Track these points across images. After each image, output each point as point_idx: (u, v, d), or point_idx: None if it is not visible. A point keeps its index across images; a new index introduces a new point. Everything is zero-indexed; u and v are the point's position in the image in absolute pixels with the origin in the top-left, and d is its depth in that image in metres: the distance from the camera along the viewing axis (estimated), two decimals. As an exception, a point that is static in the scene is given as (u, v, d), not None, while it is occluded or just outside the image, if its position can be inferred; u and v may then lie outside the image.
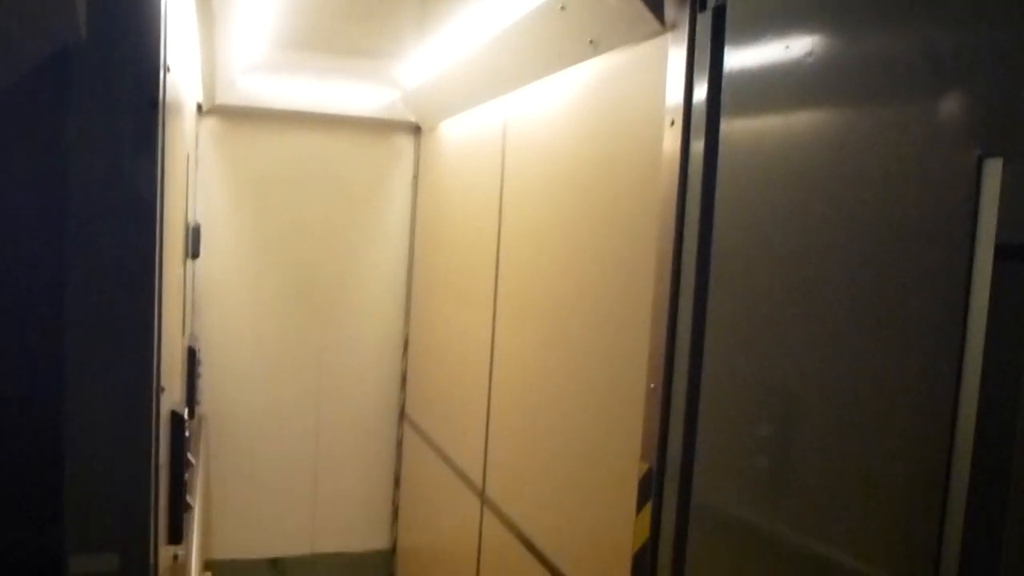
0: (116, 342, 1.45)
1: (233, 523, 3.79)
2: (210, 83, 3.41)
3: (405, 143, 3.88)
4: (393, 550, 4.03)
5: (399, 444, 3.99)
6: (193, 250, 3.07)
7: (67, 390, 1.43)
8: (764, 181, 1.50)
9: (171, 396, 1.99)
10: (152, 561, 1.53)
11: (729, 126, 1.60)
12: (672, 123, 1.75)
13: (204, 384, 3.55)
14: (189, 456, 2.11)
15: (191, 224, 3.03)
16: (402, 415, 3.96)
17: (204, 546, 3.65)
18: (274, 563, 3.88)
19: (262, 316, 3.77)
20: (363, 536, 4.01)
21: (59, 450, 1.44)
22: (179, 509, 1.97)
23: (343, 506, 3.96)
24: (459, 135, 3.27)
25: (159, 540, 1.62)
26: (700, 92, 1.66)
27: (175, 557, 2.34)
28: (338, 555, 3.97)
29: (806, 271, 1.38)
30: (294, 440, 3.87)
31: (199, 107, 3.51)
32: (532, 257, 2.46)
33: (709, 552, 1.61)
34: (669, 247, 1.73)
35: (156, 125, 1.48)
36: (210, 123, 3.63)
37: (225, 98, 3.49)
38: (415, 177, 3.89)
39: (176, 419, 1.94)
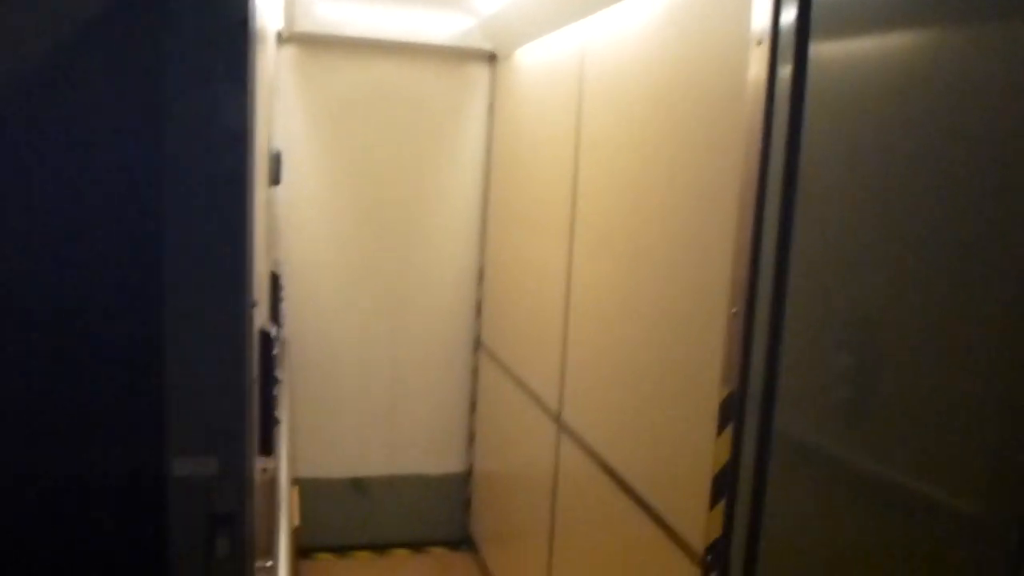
0: (212, 261, 1.50)
1: (316, 444, 3.93)
2: (290, 11, 3.44)
3: (480, 72, 3.86)
4: (469, 473, 4.14)
5: (474, 371, 4.05)
6: (275, 177, 3.13)
7: (168, 305, 1.50)
8: (854, 107, 1.46)
9: (260, 314, 2.06)
10: (246, 468, 1.60)
11: (818, 49, 1.56)
12: (759, 43, 1.70)
13: (286, 309, 3.65)
14: (277, 373, 2.19)
15: (272, 151, 3.08)
16: (477, 343, 4.02)
17: (290, 464, 3.80)
18: (355, 482, 4.02)
19: (340, 243, 3.85)
20: (440, 459, 4.12)
21: (162, 362, 1.51)
22: (269, 422, 2.05)
23: (420, 430, 4.07)
24: (535, 62, 3.24)
25: (252, 450, 1.70)
26: (788, 13, 1.61)
27: (265, 470, 2.45)
28: (416, 476, 4.09)
29: (897, 201, 1.35)
30: (372, 365, 3.97)
31: (278, 35, 3.54)
32: (610, 185, 2.44)
33: (790, 477, 1.62)
34: (754, 174, 1.70)
35: (246, 50, 1.50)
36: (288, 51, 3.66)
37: (303, 26, 3.51)
38: (490, 106, 3.88)
39: (265, 336, 2.01)
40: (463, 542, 4.18)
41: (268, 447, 2.10)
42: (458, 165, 3.92)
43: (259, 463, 2.10)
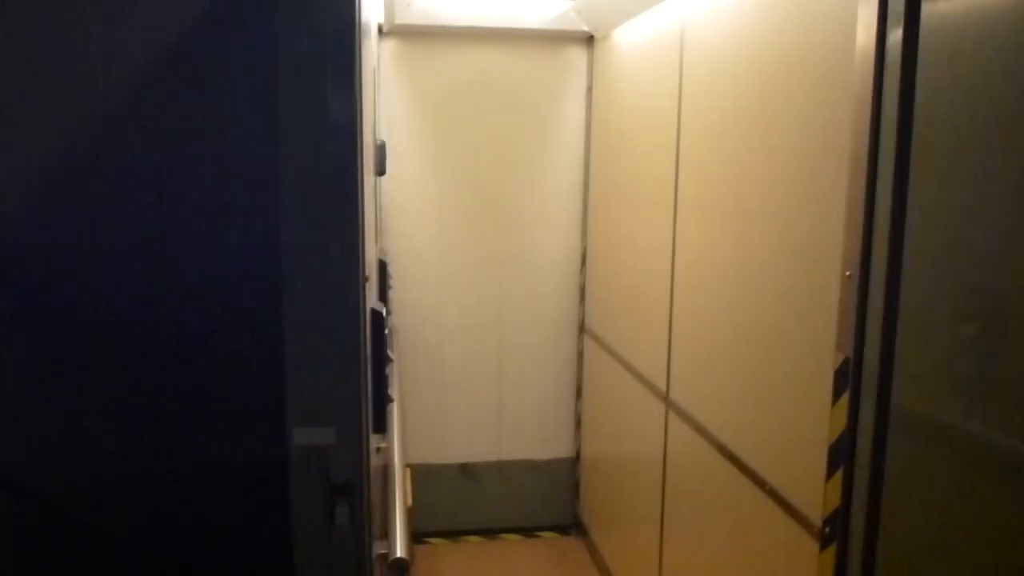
0: (326, 241, 1.56)
1: (425, 429, 4.01)
2: (390, 5, 3.51)
3: (578, 54, 3.86)
4: (577, 458, 4.14)
5: (579, 355, 4.06)
6: (380, 168, 3.21)
7: (285, 283, 1.56)
8: (970, 67, 1.40)
9: (371, 293, 2.12)
10: (362, 439, 1.65)
11: (931, 8, 1.50)
12: (867, 4, 1.65)
13: (393, 296, 3.74)
14: (388, 352, 2.24)
15: (377, 142, 3.16)
16: (582, 328, 4.02)
17: (401, 449, 3.89)
18: (464, 468, 4.08)
19: (444, 231, 3.91)
20: (547, 444, 4.14)
21: (282, 338, 1.57)
22: (382, 400, 2.10)
23: (527, 415, 4.10)
24: (634, 40, 3.21)
25: (366, 422, 1.75)
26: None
27: (379, 449, 2.51)
28: (525, 462, 4.12)
29: (1020, 162, 1.28)
30: (479, 352, 4.02)
31: (379, 28, 3.63)
32: (712, 158, 2.40)
33: (909, 446, 1.56)
34: (865, 137, 1.65)
35: (353, 45, 1.55)
36: (389, 44, 3.74)
37: (403, 18, 3.58)
38: (589, 88, 3.87)
39: (376, 316, 2.06)
40: (573, 527, 4.19)
41: (381, 424, 2.16)
42: (558, 149, 3.92)
43: (373, 441, 2.17)
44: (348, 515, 1.61)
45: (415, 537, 4.01)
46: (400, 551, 1.90)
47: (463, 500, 4.12)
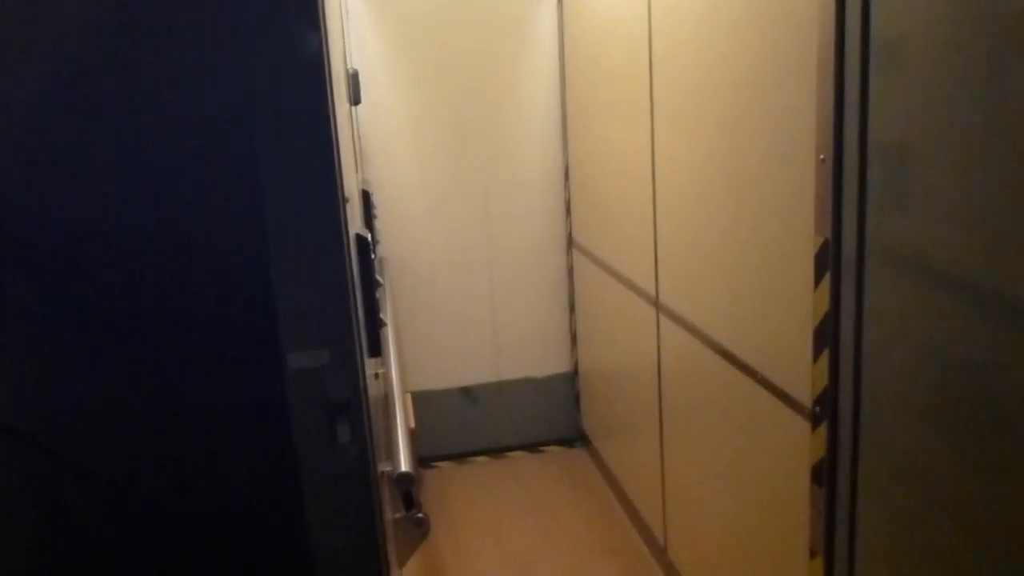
0: (302, 166, 1.56)
1: (424, 357, 4.06)
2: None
3: (546, -33, 3.80)
4: (575, 372, 4.21)
5: (570, 271, 4.08)
6: (354, 97, 3.18)
7: (267, 212, 1.57)
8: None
9: (354, 217, 2.13)
10: (357, 359, 1.68)
11: None
12: None
13: (380, 227, 3.75)
14: (378, 277, 2.26)
15: (349, 71, 3.13)
16: (570, 242, 4.04)
17: (401, 375, 3.94)
18: (465, 391, 4.15)
19: (426, 157, 3.89)
20: (545, 361, 4.20)
21: (267, 264, 1.59)
22: (374, 323, 2.13)
23: (523, 335, 4.15)
24: (600, -55, 3.16)
25: (360, 343, 1.78)
26: None
27: (377, 375, 2.55)
28: (524, 380, 4.19)
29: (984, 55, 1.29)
30: (470, 276, 4.04)
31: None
32: (685, 55, 2.39)
33: (890, 316, 1.60)
34: (830, 22, 1.65)
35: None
36: (353, -29, 3.67)
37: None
38: (559, 0, 3.82)
39: (361, 240, 2.08)
40: (576, 439, 4.28)
41: (376, 348, 2.19)
42: (534, 65, 3.88)
43: (370, 366, 2.20)
44: (349, 433, 1.65)
45: (422, 462, 4.10)
46: (405, 466, 1.95)
47: (467, 423, 4.20)
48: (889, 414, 1.60)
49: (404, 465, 1.98)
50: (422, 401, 4.05)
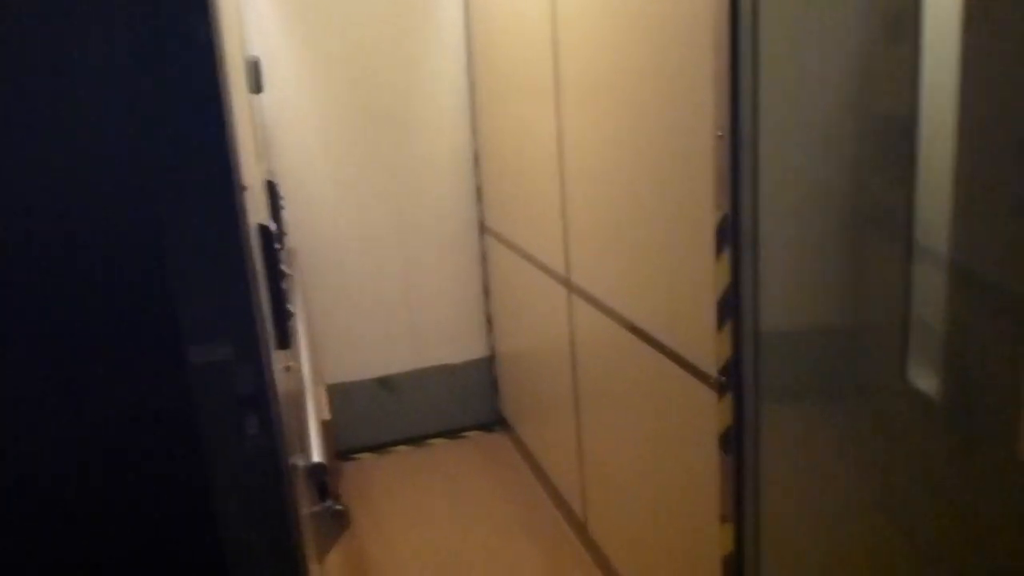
0: (194, 155, 1.52)
1: (339, 349, 4.01)
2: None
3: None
4: (492, 356, 4.22)
5: (483, 256, 4.09)
6: (255, 85, 3.11)
7: (160, 204, 1.52)
8: None
9: (256, 210, 2.08)
10: (262, 350, 1.65)
11: None
12: None
13: (289, 218, 3.68)
14: (284, 267, 2.22)
15: (249, 58, 3.05)
16: (482, 227, 4.04)
17: (315, 367, 3.89)
18: (382, 381, 4.12)
19: (333, 144, 3.83)
20: (462, 347, 4.20)
21: (161, 256, 1.54)
22: (282, 315, 2.10)
23: (439, 322, 4.13)
24: (499, -72, 3.15)
25: (266, 334, 1.74)
26: None
27: (289, 368, 2.51)
28: (442, 367, 4.18)
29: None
30: (382, 264, 4.00)
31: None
32: (589, 35, 2.41)
33: (787, 287, 1.65)
34: (726, 11, 1.69)
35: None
36: (249, -44, 3.58)
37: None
38: (463, -16, 3.80)
39: (265, 231, 2.04)
40: (496, 423, 4.29)
41: (285, 340, 2.15)
42: (441, 49, 3.85)
43: (280, 359, 2.16)
44: (258, 425, 1.62)
45: (342, 455, 4.06)
46: (317, 458, 1.92)
47: (385, 413, 4.17)
48: (786, 382, 1.66)
49: (317, 456, 1.95)
50: (340, 393, 4.00)
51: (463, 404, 4.26)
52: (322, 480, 1.99)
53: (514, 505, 3.57)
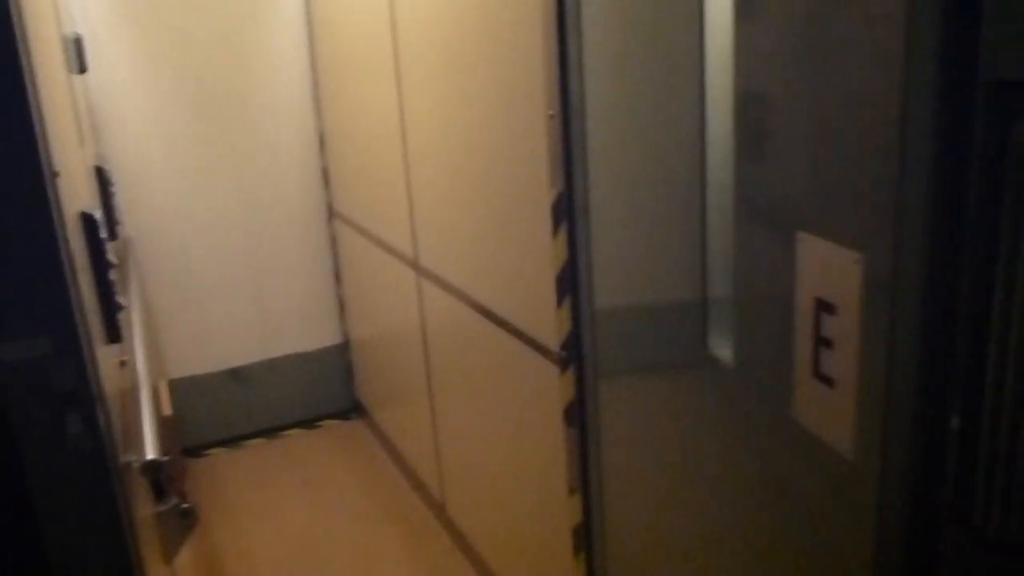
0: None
1: (184, 341, 3.86)
2: None
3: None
4: (346, 343, 4.15)
5: (332, 241, 4.01)
6: (78, 64, 2.93)
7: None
8: None
9: (77, 198, 1.97)
10: (83, 346, 1.56)
11: None
12: None
13: (124, 206, 3.50)
14: (111, 257, 2.10)
15: (69, 36, 2.87)
16: (331, 212, 3.96)
17: (160, 368, 3.73)
18: (233, 373, 3.99)
19: (170, 127, 3.65)
20: (315, 334, 4.11)
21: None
22: (111, 307, 1.99)
23: (290, 309, 4.03)
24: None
25: (88, 329, 1.65)
26: None
27: (123, 363, 2.39)
28: (294, 356, 4.08)
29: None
30: (229, 253, 3.86)
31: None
32: (425, 13, 2.39)
33: (620, 263, 1.69)
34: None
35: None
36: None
37: None
38: (301, -38, 3.69)
39: (88, 219, 1.93)
40: (352, 410, 4.24)
41: (115, 334, 2.05)
42: (281, 29, 3.73)
43: (110, 353, 2.06)
44: (80, 423, 1.53)
45: (191, 451, 3.91)
46: (153, 454, 1.84)
47: (237, 405, 4.04)
48: (620, 356, 1.71)
49: (151, 453, 1.87)
50: (187, 387, 3.85)
51: (318, 392, 4.19)
52: (158, 478, 1.91)
53: (372, 491, 3.54)
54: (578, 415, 1.91)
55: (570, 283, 1.81)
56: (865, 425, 1.07)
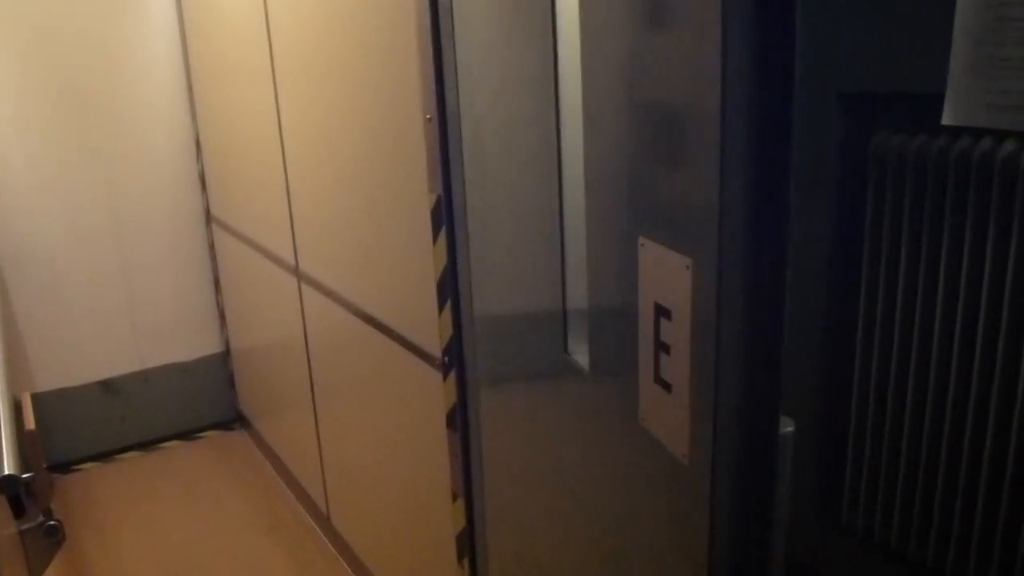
0: None
1: (50, 352, 3.67)
2: None
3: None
4: (227, 351, 4.04)
5: (211, 247, 3.89)
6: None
7: None
8: None
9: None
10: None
11: None
12: None
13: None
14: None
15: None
16: (208, 218, 3.84)
17: (24, 381, 3.54)
18: (104, 384, 3.82)
19: (32, 132, 3.47)
20: (193, 344, 3.98)
21: None
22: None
23: (165, 318, 3.89)
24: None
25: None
26: None
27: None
28: (171, 366, 3.94)
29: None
30: (100, 261, 3.70)
31: None
32: (299, 12, 2.35)
33: (494, 269, 1.70)
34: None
35: None
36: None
37: None
38: (175, -41, 3.57)
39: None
40: (235, 421, 4.12)
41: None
42: (152, 29, 3.60)
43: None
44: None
45: (60, 467, 3.73)
46: (8, 469, 1.74)
47: (110, 418, 3.87)
48: (497, 361, 1.72)
49: (8, 468, 1.77)
50: (54, 400, 3.67)
51: (198, 403, 4.05)
52: (17, 493, 1.81)
53: (255, 503, 3.44)
54: (460, 421, 1.91)
55: (451, 289, 1.81)
56: (697, 430, 1.10)
